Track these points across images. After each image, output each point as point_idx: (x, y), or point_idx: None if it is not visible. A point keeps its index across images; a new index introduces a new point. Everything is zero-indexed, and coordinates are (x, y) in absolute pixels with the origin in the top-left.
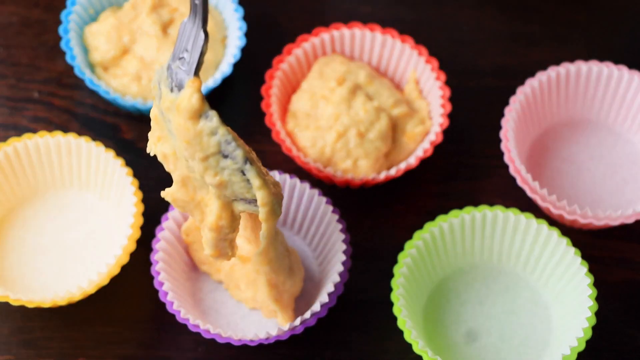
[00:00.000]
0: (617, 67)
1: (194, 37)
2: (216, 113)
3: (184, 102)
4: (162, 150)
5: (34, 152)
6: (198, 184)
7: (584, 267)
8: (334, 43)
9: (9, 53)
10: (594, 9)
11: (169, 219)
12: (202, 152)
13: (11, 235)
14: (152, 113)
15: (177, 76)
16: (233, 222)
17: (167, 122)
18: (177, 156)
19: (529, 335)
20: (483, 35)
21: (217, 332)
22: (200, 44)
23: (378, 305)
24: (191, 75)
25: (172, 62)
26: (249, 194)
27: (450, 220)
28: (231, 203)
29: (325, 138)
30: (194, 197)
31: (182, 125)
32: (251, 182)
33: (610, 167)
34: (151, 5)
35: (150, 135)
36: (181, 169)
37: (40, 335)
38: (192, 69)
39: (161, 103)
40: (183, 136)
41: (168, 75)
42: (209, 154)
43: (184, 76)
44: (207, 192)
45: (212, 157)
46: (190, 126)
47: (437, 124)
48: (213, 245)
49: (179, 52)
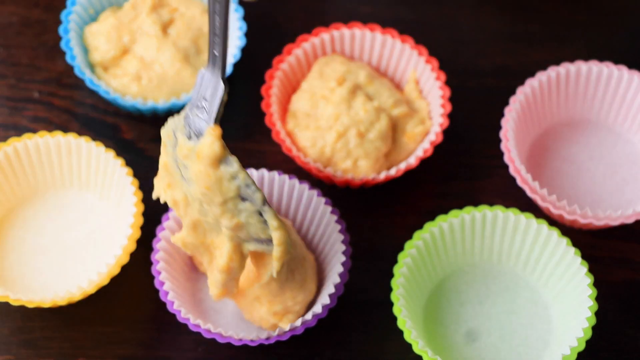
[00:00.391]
0: (617, 67)
1: (212, 87)
2: (236, 159)
3: (205, 149)
4: (172, 197)
5: (34, 152)
6: (209, 227)
7: (583, 267)
8: (334, 43)
9: (9, 53)
10: (594, 9)
11: (170, 219)
12: (222, 196)
13: (11, 235)
14: (162, 161)
15: (196, 124)
16: (242, 263)
17: (182, 169)
18: (187, 202)
19: (528, 335)
20: (483, 35)
21: (217, 332)
22: (220, 94)
23: (378, 305)
24: (211, 123)
25: (189, 111)
26: (263, 234)
27: (450, 220)
28: (242, 244)
29: (325, 138)
30: (204, 241)
31: (202, 172)
32: (269, 223)
33: (610, 167)
34: (151, 5)
35: (156, 181)
36: (192, 214)
37: (40, 335)
38: (212, 117)
39: (177, 151)
40: (203, 182)
41: (185, 124)
42: (228, 198)
43: (204, 124)
44: (218, 235)
45: (230, 201)
46: (211, 172)
47: (437, 124)
48: (222, 285)
49: (197, 101)
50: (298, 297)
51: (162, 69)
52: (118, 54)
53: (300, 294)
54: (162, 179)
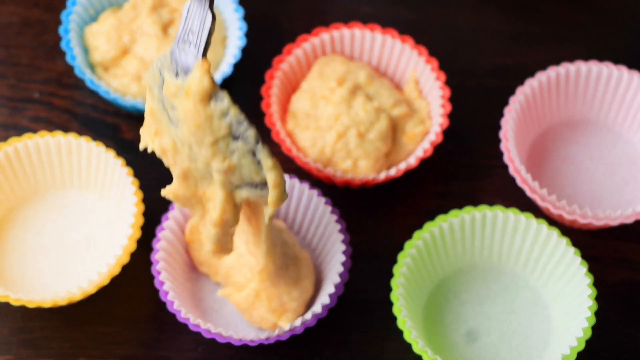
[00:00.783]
0: (616, 67)
1: (200, 18)
2: (227, 93)
3: (194, 84)
4: (160, 145)
5: (34, 152)
6: (200, 175)
7: (583, 267)
8: (334, 43)
9: (9, 53)
10: (594, 9)
11: (170, 219)
12: (212, 135)
13: (11, 235)
14: (147, 107)
15: (182, 60)
16: (236, 214)
17: (169, 110)
18: (176, 148)
19: (528, 335)
20: (483, 35)
21: (217, 332)
22: (208, 25)
23: (378, 305)
24: (200, 57)
25: (176, 46)
26: (257, 176)
27: (450, 220)
28: (234, 192)
29: (325, 138)
30: (195, 192)
31: (192, 109)
32: (262, 162)
33: (610, 167)
34: (151, 5)
35: (143, 131)
36: (182, 162)
37: (40, 335)
38: (200, 50)
39: (164, 90)
40: (193, 120)
41: (172, 60)
42: (220, 136)
43: (192, 59)
44: (209, 185)
45: (222, 141)
46: (201, 109)
47: (437, 124)
48: (216, 240)
49: (183, 35)
50: (293, 292)
51: None
52: (118, 54)
53: (295, 290)
54: (149, 126)
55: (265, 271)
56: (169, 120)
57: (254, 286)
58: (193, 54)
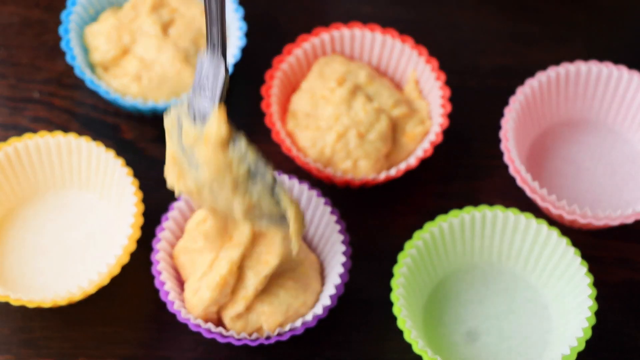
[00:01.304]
0: (616, 67)
1: (213, 71)
2: (243, 137)
3: (212, 132)
4: (185, 187)
5: (35, 152)
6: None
7: (583, 267)
8: (334, 43)
9: (9, 53)
10: (594, 9)
11: (169, 219)
12: (232, 178)
13: (11, 235)
14: (168, 151)
15: (200, 108)
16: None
17: (190, 155)
18: (199, 190)
19: (528, 335)
20: (483, 35)
21: (217, 332)
22: (222, 76)
23: (378, 305)
24: (216, 105)
25: (192, 96)
26: (276, 211)
27: (450, 220)
28: (255, 223)
29: (325, 138)
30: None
31: (211, 156)
32: (281, 199)
33: (609, 167)
34: (151, 5)
35: (167, 172)
36: (206, 201)
37: (40, 335)
38: (216, 99)
39: (183, 138)
40: (214, 166)
41: (189, 109)
42: (239, 178)
43: (208, 107)
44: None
45: (241, 182)
46: (220, 156)
47: (437, 124)
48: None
49: (198, 86)
50: (300, 296)
51: (163, 69)
52: (118, 54)
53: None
54: (172, 170)
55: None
56: (189, 164)
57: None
58: (209, 100)
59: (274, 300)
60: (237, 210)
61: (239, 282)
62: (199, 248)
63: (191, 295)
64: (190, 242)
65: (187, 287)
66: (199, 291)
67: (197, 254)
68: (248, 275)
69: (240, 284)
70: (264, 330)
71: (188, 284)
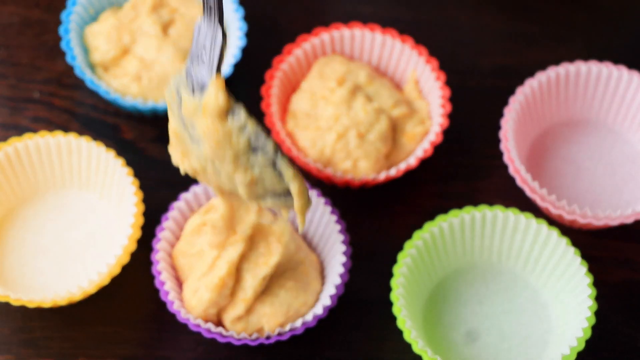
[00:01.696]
0: (616, 67)
1: (211, 37)
2: (243, 107)
3: (210, 101)
4: (190, 166)
5: (35, 152)
6: (228, 189)
7: (583, 267)
8: (334, 43)
9: (9, 53)
10: (594, 9)
11: (169, 219)
12: (232, 150)
13: (11, 235)
14: (171, 128)
15: (198, 77)
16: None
17: (190, 128)
18: (202, 167)
19: (528, 334)
20: (483, 35)
21: (217, 332)
22: (219, 43)
23: (378, 305)
24: (213, 74)
25: (190, 65)
26: (280, 186)
27: (450, 220)
28: (259, 202)
29: (325, 138)
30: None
31: (210, 127)
32: (284, 172)
33: (609, 167)
34: (151, 5)
35: (171, 150)
36: (212, 179)
37: (40, 335)
38: (214, 68)
39: (183, 110)
40: (213, 138)
41: (187, 79)
42: (239, 151)
43: (206, 75)
44: (239, 198)
45: (242, 155)
46: (219, 126)
47: (437, 124)
48: (206, 307)
49: (196, 53)
50: (300, 296)
51: (163, 69)
52: (118, 54)
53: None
54: (175, 147)
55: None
56: (190, 139)
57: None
58: (207, 70)
59: (275, 300)
60: (240, 186)
61: (237, 283)
62: (196, 252)
63: (190, 295)
64: (187, 246)
65: (186, 287)
66: (198, 292)
67: (194, 258)
68: (246, 277)
69: (239, 286)
70: (264, 331)
71: (187, 284)
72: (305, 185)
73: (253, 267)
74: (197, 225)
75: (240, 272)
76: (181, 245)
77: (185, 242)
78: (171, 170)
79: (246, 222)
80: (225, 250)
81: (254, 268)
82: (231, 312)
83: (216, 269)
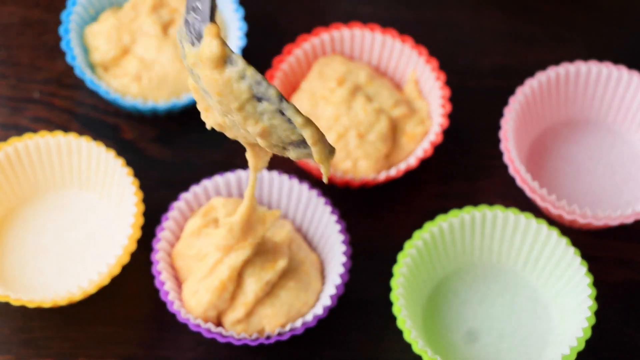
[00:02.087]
0: (616, 67)
1: None
2: (240, 55)
3: (205, 51)
4: (215, 121)
5: (35, 152)
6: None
7: (583, 267)
8: (334, 43)
9: (9, 53)
10: (594, 9)
11: (170, 219)
12: (236, 100)
13: (11, 235)
14: (189, 82)
15: (195, 27)
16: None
17: (199, 81)
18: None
19: (528, 334)
20: (483, 35)
21: (217, 332)
22: None
23: (378, 305)
24: (207, 22)
25: (187, 15)
26: (294, 135)
27: (450, 220)
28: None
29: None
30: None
31: (209, 77)
32: (293, 120)
33: (609, 167)
34: (151, 5)
35: (198, 107)
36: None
37: (40, 335)
38: (207, 16)
39: (186, 62)
40: (214, 88)
41: (187, 30)
42: (243, 100)
43: (201, 25)
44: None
45: (247, 104)
46: (217, 75)
47: (437, 124)
48: (206, 308)
49: (191, 3)
50: (301, 296)
51: (163, 69)
52: (118, 54)
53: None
54: (199, 102)
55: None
56: (203, 91)
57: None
58: (201, 20)
59: (276, 302)
60: (257, 138)
61: (239, 288)
62: (194, 254)
63: (189, 296)
64: (186, 248)
65: (186, 288)
66: (198, 293)
67: (192, 260)
68: (248, 282)
69: (240, 290)
70: (265, 331)
71: (186, 285)
72: (320, 132)
73: (258, 271)
74: (197, 227)
75: (242, 277)
76: (180, 246)
77: (184, 244)
78: (171, 170)
79: (258, 232)
80: (229, 255)
81: (259, 272)
82: (231, 315)
83: (217, 272)
